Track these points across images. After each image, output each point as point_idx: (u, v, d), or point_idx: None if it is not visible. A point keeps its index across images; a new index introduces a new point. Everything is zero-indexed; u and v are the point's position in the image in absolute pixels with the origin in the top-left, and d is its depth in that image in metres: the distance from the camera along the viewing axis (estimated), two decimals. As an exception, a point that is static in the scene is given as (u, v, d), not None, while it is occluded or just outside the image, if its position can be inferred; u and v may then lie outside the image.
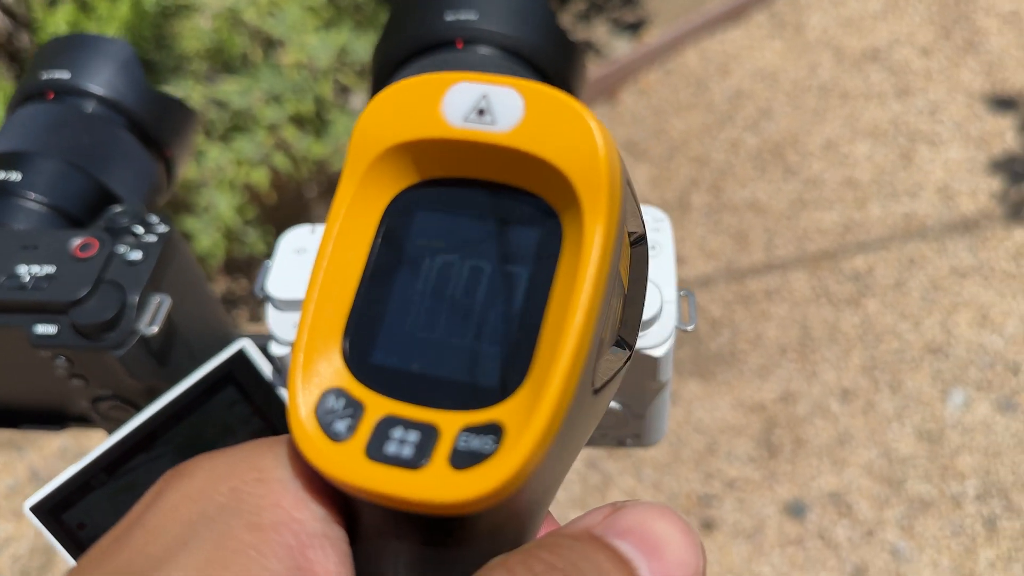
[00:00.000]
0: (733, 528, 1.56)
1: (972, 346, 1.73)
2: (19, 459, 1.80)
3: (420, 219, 0.22)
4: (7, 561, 1.65)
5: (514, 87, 0.21)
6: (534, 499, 0.21)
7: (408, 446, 0.19)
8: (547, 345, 0.20)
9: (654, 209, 0.39)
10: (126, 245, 0.40)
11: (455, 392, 0.20)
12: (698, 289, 1.90)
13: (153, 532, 0.19)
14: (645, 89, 2.35)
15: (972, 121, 2.11)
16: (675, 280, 0.37)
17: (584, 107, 0.21)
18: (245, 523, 0.19)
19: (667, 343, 0.36)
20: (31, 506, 0.36)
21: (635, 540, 0.20)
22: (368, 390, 0.21)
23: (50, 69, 0.49)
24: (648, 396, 0.39)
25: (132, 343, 0.38)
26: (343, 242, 0.22)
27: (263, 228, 1.84)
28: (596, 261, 0.19)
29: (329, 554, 0.20)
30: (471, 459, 0.19)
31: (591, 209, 0.20)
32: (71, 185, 0.46)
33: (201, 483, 0.20)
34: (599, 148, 0.20)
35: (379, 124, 0.22)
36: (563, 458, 0.21)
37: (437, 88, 0.21)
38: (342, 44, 1.72)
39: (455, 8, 0.45)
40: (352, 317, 0.21)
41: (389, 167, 0.22)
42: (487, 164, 0.21)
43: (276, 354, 0.39)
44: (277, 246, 0.41)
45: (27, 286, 0.39)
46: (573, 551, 0.19)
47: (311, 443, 0.20)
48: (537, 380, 0.19)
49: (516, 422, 0.19)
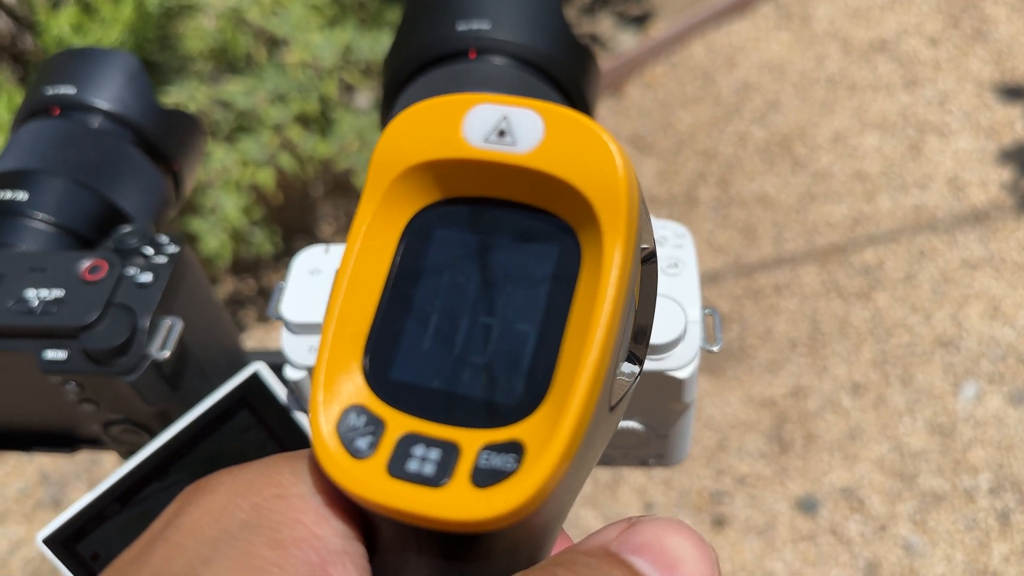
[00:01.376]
0: (745, 524, 1.56)
1: (983, 338, 1.72)
2: (29, 462, 1.80)
3: (440, 237, 0.22)
4: (19, 564, 1.66)
5: (534, 109, 0.21)
6: (552, 516, 0.21)
7: (430, 464, 0.20)
8: (567, 363, 0.20)
9: (676, 224, 0.38)
10: (136, 267, 0.39)
11: (476, 410, 0.20)
12: (707, 284, 1.89)
13: (175, 548, 0.19)
14: (651, 83, 2.34)
15: (982, 111, 2.09)
16: (700, 299, 0.36)
17: (603, 128, 0.20)
18: (267, 540, 0.19)
19: (692, 364, 0.35)
20: (44, 538, 0.35)
21: (650, 556, 0.20)
22: (389, 407, 0.21)
23: (55, 84, 0.48)
24: (672, 417, 0.38)
25: (144, 368, 0.38)
26: (364, 259, 0.22)
27: (270, 228, 1.83)
28: (615, 281, 0.20)
29: (350, 570, 0.20)
30: (493, 477, 0.19)
31: (610, 229, 0.20)
32: (79, 204, 0.45)
33: (222, 499, 0.20)
34: (618, 169, 0.20)
35: (400, 143, 0.22)
36: (580, 475, 0.21)
37: (458, 109, 0.21)
38: (346, 42, 1.71)
39: (467, 18, 0.44)
40: (372, 334, 0.21)
41: (410, 186, 0.22)
42: (507, 184, 0.21)
43: (291, 378, 0.38)
44: (291, 267, 0.40)
45: (36, 311, 0.38)
46: (590, 568, 0.20)
47: (333, 460, 0.20)
48: (558, 398, 0.19)
49: (537, 440, 0.19)
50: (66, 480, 1.77)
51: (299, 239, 2.02)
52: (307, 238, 2.02)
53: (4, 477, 1.78)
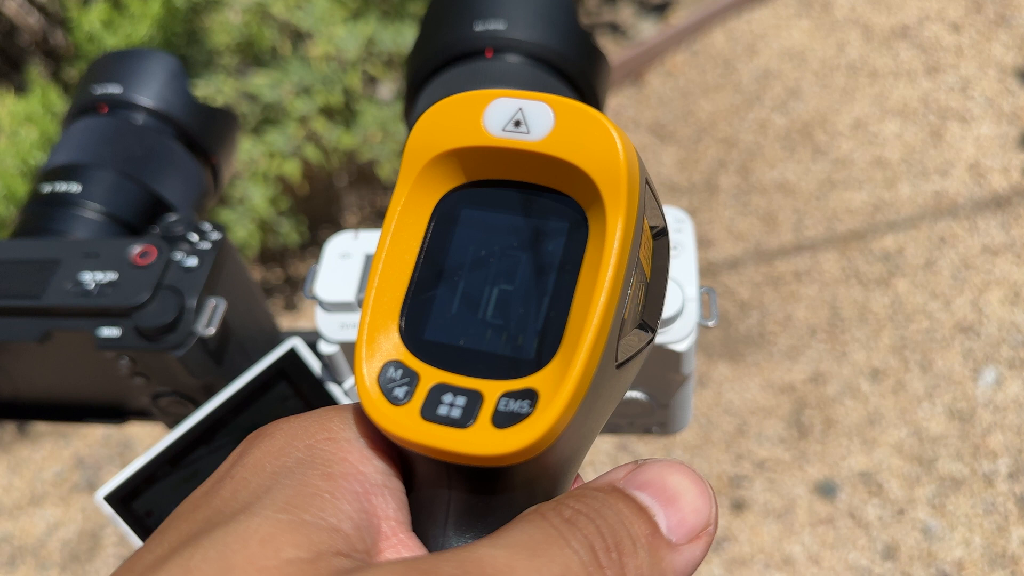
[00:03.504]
0: (764, 508, 1.58)
1: (1004, 324, 1.72)
2: (65, 446, 1.85)
3: (465, 215, 0.25)
4: (56, 544, 1.71)
5: (546, 102, 0.24)
6: (564, 456, 0.24)
7: (457, 408, 0.23)
8: (575, 323, 0.23)
9: (676, 210, 0.41)
10: (182, 252, 0.43)
11: (496, 364, 0.23)
12: (727, 271, 1.91)
13: (241, 482, 0.22)
14: (672, 71, 2.35)
15: (1004, 96, 2.08)
16: (697, 278, 0.39)
17: (607, 118, 0.24)
18: (320, 473, 0.22)
19: (689, 338, 0.38)
20: (105, 495, 0.39)
21: (653, 491, 0.23)
22: (422, 362, 0.24)
23: (103, 83, 0.52)
24: (672, 387, 0.41)
25: (191, 344, 0.41)
26: (399, 236, 0.25)
27: (296, 218, 1.87)
28: (617, 250, 0.23)
29: (389, 501, 0.23)
30: (510, 419, 0.22)
31: (612, 206, 0.23)
32: (126, 194, 0.49)
33: (281, 442, 0.23)
34: (619, 153, 0.23)
35: (429, 134, 0.25)
36: (589, 422, 0.24)
37: (479, 103, 0.25)
38: (369, 35, 1.74)
39: (484, 18, 0.47)
40: (407, 300, 0.25)
41: (438, 171, 0.25)
42: (523, 168, 0.24)
43: (325, 352, 0.41)
44: (323, 251, 0.43)
45: (92, 292, 0.42)
46: (598, 500, 0.22)
47: (375, 406, 0.23)
48: (567, 353, 0.22)
49: (548, 389, 0.22)
50: (100, 463, 1.82)
51: (325, 229, 2.06)
52: (332, 227, 2.06)
53: (41, 461, 1.84)
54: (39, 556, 1.70)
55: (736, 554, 1.54)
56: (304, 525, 0.21)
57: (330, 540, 0.21)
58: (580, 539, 0.21)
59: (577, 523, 0.21)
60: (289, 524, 0.20)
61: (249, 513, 0.21)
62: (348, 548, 0.21)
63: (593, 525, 0.22)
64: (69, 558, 1.70)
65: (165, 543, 0.21)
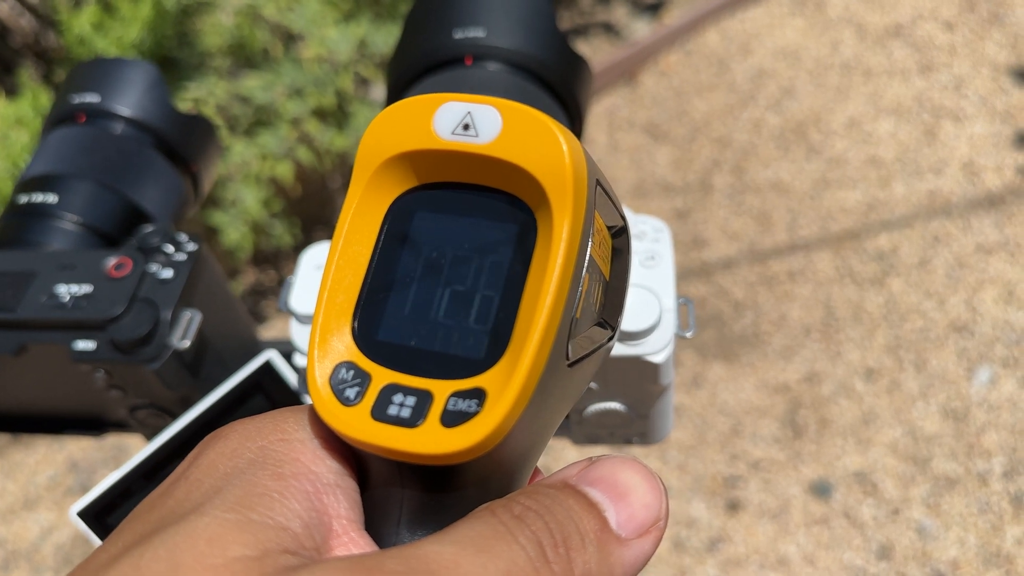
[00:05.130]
0: (759, 508, 1.58)
1: (998, 323, 1.72)
2: (59, 450, 1.85)
3: (417, 218, 0.26)
4: (50, 549, 1.71)
5: (493, 105, 0.24)
6: (516, 455, 0.24)
7: (406, 408, 0.23)
8: (523, 323, 0.23)
9: (654, 219, 0.41)
10: (158, 264, 0.43)
11: (446, 364, 0.24)
12: (721, 271, 1.91)
13: (194, 483, 0.23)
14: (666, 71, 2.35)
15: (997, 95, 2.08)
16: (674, 289, 0.39)
17: (554, 121, 0.24)
18: (270, 473, 0.23)
19: (666, 349, 0.38)
20: (78, 511, 0.39)
21: (604, 487, 0.24)
22: (373, 363, 0.24)
23: (81, 93, 0.51)
24: (651, 399, 0.41)
25: (166, 356, 0.41)
26: (352, 238, 0.26)
27: (289, 220, 1.87)
28: (563, 250, 0.23)
29: (341, 500, 0.23)
30: (459, 418, 0.23)
31: (559, 207, 0.23)
32: (104, 205, 0.49)
33: (235, 443, 0.24)
34: (565, 156, 0.23)
35: (380, 138, 0.26)
36: (541, 420, 0.24)
37: (429, 107, 0.25)
38: (361, 36, 1.74)
39: (464, 25, 0.47)
40: (360, 301, 0.25)
41: (390, 174, 0.26)
42: (472, 170, 0.25)
43: (301, 365, 0.41)
44: (299, 263, 0.43)
45: (67, 305, 0.41)
46: (548, 497, 0.23)
47: (326, 407, 0.24)
48: (514, 352, 0.23)
49: (496, 388, 0.23)
50: (94, 467, 1.82)
51: (318, 231, 2.06)
52: (326, 229, 2.06)
53: (35, 465, 1.84)
54: (33, 560, 1.70)
55: (731, 554, 1.54)
56: (252, 524, 0.21)
57: (277, 538, 0.21)
58: (528, 535, 0.21)
59: (526, 519, 0.22)
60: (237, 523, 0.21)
61: (199, 513, 0.21)
62: (296, 546, 0.21)
63: (542, 521, 0.22)
64: (63, 562, 1.69)
65: (119, 543, 0.22)
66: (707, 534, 1.56)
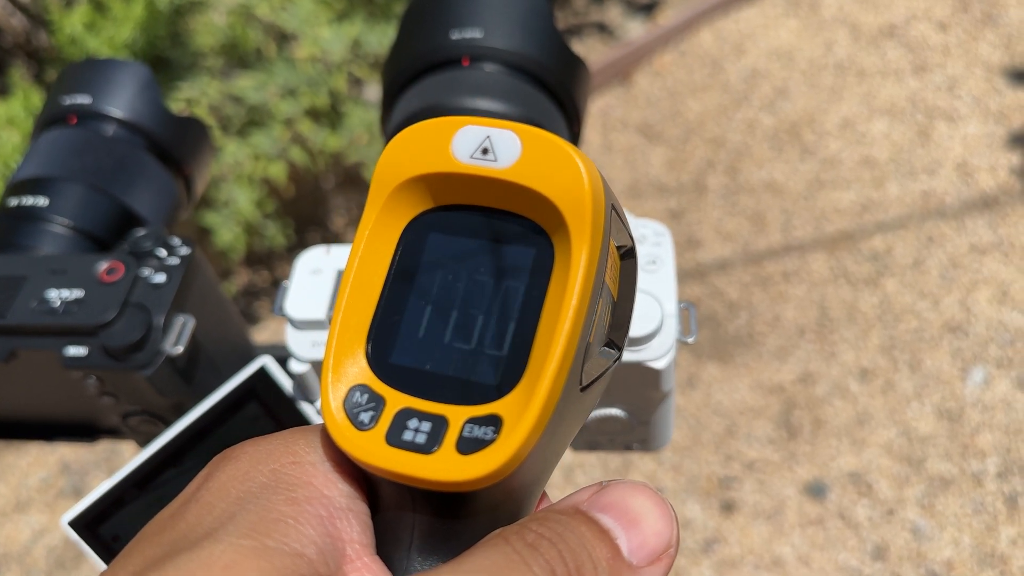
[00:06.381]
0: (753, 509, 1.57)
1: (992, 323, 1.72)
2: (51, 452, 1.84)
3: (433, 240, 0.25)
4: (42, 551, 1.70)
5: (513, 130, 0.24)
6: (528, 481, 0.24)
7: (421, 434, 0.23)
8: (540, 349, 0.23)
9: (655, 223, 0.40)
10: (150, 268, 0.42)
11: (462, 389, 0.24)
12: (715, 272, 1.91)
13: (206, 507, 0.23)
14: (660, 71, 2.34)
15: (991, 95, 2.09)
16: (676, 294, 0.38)
17: (573, 147, 0.24)
18: (284, 498, 0.22)
19: (668, 355, 0.37)
20: (68, 521, 0.38)
21: (615, 513, 0.23)
22: (388, 387, 0.24)
23: (72, 94, 0.51)
24: (652, 405, 0.40)
25: (159, 363, 0.40)
26: (367, 259, 0.25)
27: (282, 221, 1.86)
28: (581, 278, 0.23)
29: (353, 524, 0.23)
30: (474, 445, 0.22)
31: (578, 233, 0.23)
32: (95, 208, 0.48)
33: (246, 466, 0.23)
34: (584, 182, 0.23)
35: (398, 160, 0.25)
36: (553, 446, 0.24)
37: (448, 130, 0.25)
38: (355, 36, 1.73)
39: (461, 26, 0.46)
40: (374, 324, 0.25)
41: (406, 196, 0.25)
42: (490, 194, 0.25)
43: (296, 371, 0.40)
44: (294, 267, 0.42)
45: (58, 310, 0.41)
46: (560, 524, 0.23)
47: (340, 431, 0.24)
48: (531, 379, 0.23)
49: (513, 415, 0.22)
50: (86, 470, 1.81)
51: (311, 231, 2.05)
52: (319, 230, 2.05)
53: (27, 467, 1.82)
54: (24, 563, 1.69)
55: (726, 555, 1.53)
56: (267, 551, 0.21)
57: (293, 565, 0.21)
58: (541, 563, 0.21)
59: (539, 547, 0.22)
60: (252, 550, 0.21)
61: (213, 539, 0.21)
62: (311, 573, 0.21)
63: (555, 549, 0.22)
64: (55, 565, 1.68)
65: (129, 566, 0.21)
66: (702, 535, 1.56)
